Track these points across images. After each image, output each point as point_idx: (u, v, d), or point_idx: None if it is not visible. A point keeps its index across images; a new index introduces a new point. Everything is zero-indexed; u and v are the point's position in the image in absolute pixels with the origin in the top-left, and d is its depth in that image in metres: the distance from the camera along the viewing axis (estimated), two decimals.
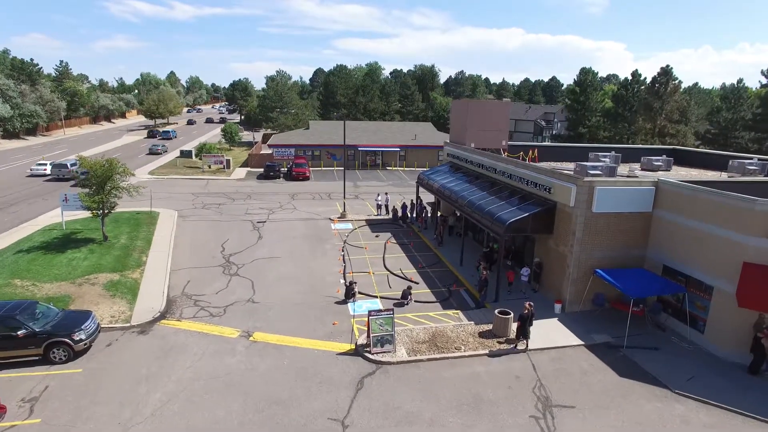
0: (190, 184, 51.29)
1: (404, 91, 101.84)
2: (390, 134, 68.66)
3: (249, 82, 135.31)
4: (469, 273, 27.00)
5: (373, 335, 18.29)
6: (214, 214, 39.41)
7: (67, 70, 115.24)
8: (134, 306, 22.12)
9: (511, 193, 26.03)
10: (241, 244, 31.65)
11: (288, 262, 28.65)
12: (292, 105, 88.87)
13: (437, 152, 65.99)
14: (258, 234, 34.17)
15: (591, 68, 73.73)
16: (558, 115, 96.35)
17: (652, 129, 58.25)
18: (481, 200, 26.58)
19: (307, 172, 55.75)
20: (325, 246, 31.84)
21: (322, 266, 28.01)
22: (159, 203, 41.45)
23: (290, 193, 48.56)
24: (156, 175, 55.82)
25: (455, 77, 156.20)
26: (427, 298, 23.92)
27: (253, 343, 19.38)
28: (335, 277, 26.44)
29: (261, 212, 40.22)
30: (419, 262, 29.12)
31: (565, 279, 22.06)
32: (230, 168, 60.75)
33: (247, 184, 53.00)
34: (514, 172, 26.15)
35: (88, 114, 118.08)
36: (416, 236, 34.67)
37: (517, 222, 22.40)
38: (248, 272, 26.88)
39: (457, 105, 37.79)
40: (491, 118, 35.52)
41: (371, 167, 65.95)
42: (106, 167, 27.80)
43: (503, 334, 19.75)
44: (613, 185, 21.00)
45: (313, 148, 64.20)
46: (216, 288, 24.74)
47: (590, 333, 20.16)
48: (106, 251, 28.20)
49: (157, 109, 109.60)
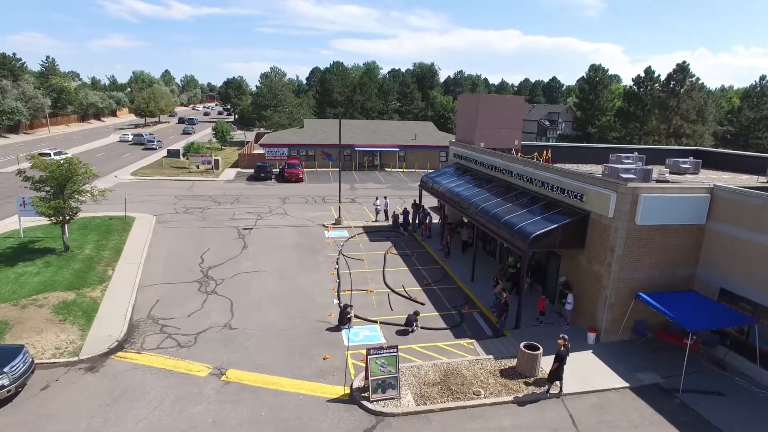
0: (174, 186, 47.66)
1: (403, 89, 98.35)
2: (389, 133, 65.16)
3: (243, 80, 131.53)
4: (483, 291, 23.49)
5: (372, 378, 14.76)
6: (196, 219, 35.81)
7: (54, 66, 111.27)
8: (87, 334, 18.52)
9: (531, 200, 22.56)
10: (222, 255, 28.08)
11: (274, 277, 25.09)
12: (287, 103, 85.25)
13: (439, 153, 62.60)
14: (243, 243, 30.59)
15: (600, 65, 70.41)
16: (563, 114, 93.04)
17: (667, 129, 54.92)
18: (496, 208, 23.08)
19: (300, 173, 52.19)
20: (318, 258, 28.28)
21: (313, 283, 24.46)
22: (137, 207, 37.88)
23: (281, 196, 44.98)
24: (139, 175, 52.17)
25: (454, 77, 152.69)
26: (435, 323, 20.40)
27: (226, 384, 15.83)
28: (328, 296, 22.89)
29: (248, 218, 36.63)
30: (424, 277, 25.60)
31: (600, 303, 18.58)
32: (219, 168, 57.14)
33: (236, 186, 49.40)
34: (535, 176, 22.67)
35: (76, 112, 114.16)
36: (419, 246, 31.14)
37: (543, 235, 18.90)
38: (228, 290, 23.32)
39: (465, 100, 34.29)
40: (503, 114, 32.07)
41: (369, 168, 62.43)
42: (66, 168, 24.18)
43: (531, 374, 16.25)
44: (661, 193, 17.53)
45: (307, 148, 60.64)
46: (189, 309, 21.16)
47: (634, 371, 16.68)
48: (64, 264, 24.58)
49: (148, 107, 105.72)
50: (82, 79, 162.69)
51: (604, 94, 70.51)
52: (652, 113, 57.39)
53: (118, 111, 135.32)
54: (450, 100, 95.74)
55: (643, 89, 62.87)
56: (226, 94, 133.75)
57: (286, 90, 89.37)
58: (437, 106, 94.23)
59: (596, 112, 69.01)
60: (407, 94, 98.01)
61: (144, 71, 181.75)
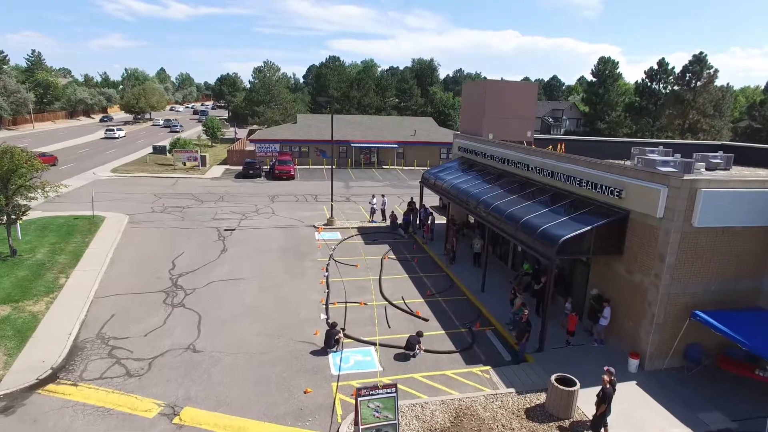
0: (155, 184, 44.16)
1: (402, 85, 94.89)
2: (387, 129, 61.72)
3: (238, 76, 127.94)
4: (495, 303, 20.10)
5: (364, 427, 11.34)
6: (174, 219, 32.34)
7: (40, 60, 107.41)
8: (14, 359, 15.06)
9: (553, 198, 19.17)
10: (197, 260, 24.64)
11: (253, 286, 21.65)
12: (281, 99, 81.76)
13: (440, 149, 59.24)
14: (222, 246, 27.14)
15: (610, 57, 66.89)
16: (567, 111, 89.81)
17: (681, 125, 51.60)
18: (511, 207, 19.67)
19: (291, 170, 48.72)
20: (305, 263, 24.84)
21: (298, 293, 21.02)
22: (111, 206, 34.39)
23: (270, 194, 41.52)
24: (119, 172, 48.64)
25: (453, 76, 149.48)
26: (441, 344, 16.98)
27: (178, 430, 12.40)
28: (315, 309, 19.45)
29: (231, 218, 33.17)
30: (427, 287, 22.17)
31: (644, 322, 15.20)
32: (206, 165, 53.67)
33: (222, 183, 45.91)
34: (558, 169, 19.28)
35: (64, 108, 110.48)
36: (421, 249, 27.72)
37: (575, 239, 15.49)
38: (198, 302, 19.88)
39: (472, 87, 30.89)
40: (515, 103, 28.71)
41: (365, 166, 58.99)
42: (8, 160, 20.69)
43: (565, 415, 12.85)
44: (726, 187, 14.15)
45: (300, 144, 57.17)
46: (148, 326, 17.72)
47: (695, 410, 13.29)
48: (7, 271, 21.11)
49: (137, 103, 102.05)
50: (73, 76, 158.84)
51: (615, 87, 66.97)
52: (666, 108, 54.08)
53: (109, 108, 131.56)
54: (450, 96, 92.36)
55: (656, 82, 59.54)
56: (220, 91, 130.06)
57: (280, 85, 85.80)
58: (437, 103, 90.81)
59: (605, 108, 65.54)
60: (406, 90, 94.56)
61: (138, 69, 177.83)
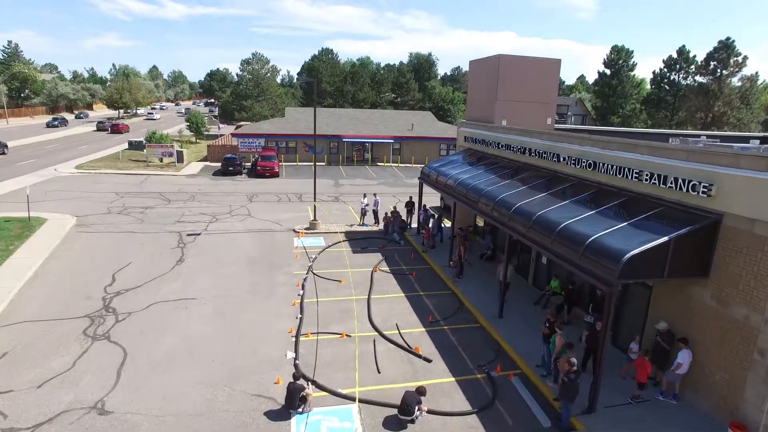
0: (121, 181, 39.25)
1: (399, 79, 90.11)
2: (381, 123, 56.97)
3: (228, 72, 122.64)
4: (518, 333, 15.40)
5: None
6: (131, 222, 27.50)
7: (17, 52, 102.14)
8: None
9: (596, 197, 14.49)
10: (145, 273, 19.85)
11: (206, 310, 16.85)
12: (270, 92, 76.88)
13: (439, 145, 54.59)
14: (180, 254, 22.34)
15: (624, 45, 61.95)
16: (572, 107, 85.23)
17: (704, 117, 47.00)
18: (540, 208, 14.96)
19: (275, 166, 43.84)
20: (277, 277, 20.06)
21: (262, 320, 16.24)
22: (61, 206, 29.60)
23: (249, 193, 36.69)
24: (84, 169, 43.67)
25: (451, 74, 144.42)
26: (450, 398, 12.24)
27: None
28: (280, 344, 14.67)
29: (199, 220, 28.35)
30: (429, 310, 17.42)
31: (753, 378, 10.48)
32: (183, 162, 48.76)
33: (197, 181, 41.03)
34: (605, 159, 14.58)
35: (45, 103, 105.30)
36: (420, 259, 23.01)
37: (645, 256, 10.71)
38: (128, 332, 15.08)
39: (480, 65, 26.12)
40: (533, 83, 24.06)
41: (358, 162, 54.20)
42: None
43: None
44: None
45: (287, 139, 52.34)
46: (47, 371, 12.92)
47: None
48: None
49: (120, 98, 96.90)
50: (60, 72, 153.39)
51: (630, 78, 62.06)
52: (687, 99, 49.42)
53: (94, 104, 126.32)
54: (450, 91, 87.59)
55: (676, 73, 54.68)
56: (210, 87, 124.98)
57: (270, 79, 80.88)
58: (435, 98, 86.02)
59: (619, 100, 60.74)
60: (403, 85, 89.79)
61: (129, 65, 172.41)
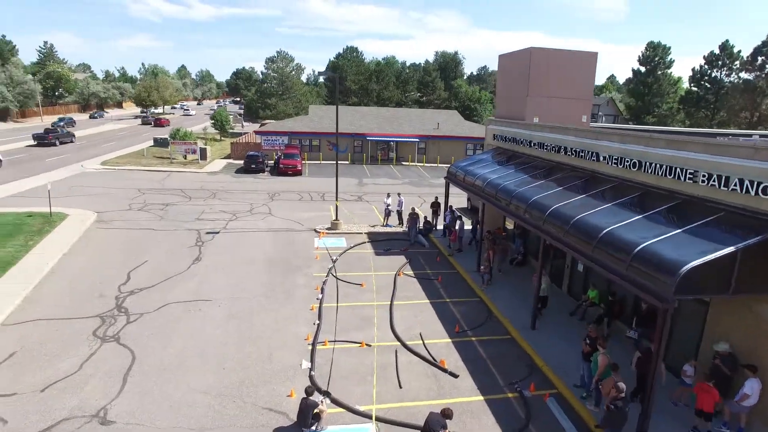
0: (144, 177, 39.18)
1: (425, 78, 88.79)
2: (407, 122, 55.89)
3: (254, 71, 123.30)
4: (554, 347, 14.17)
5: None
6: (151, 219, 27.11)
7: (52, 52, 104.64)
8: None
9: (642, 200, 13.16)
10: (160, 272, 19.26)
11: (221, 312, 16.10)
12: (294, 90, 76.57)
13: (465, 144, 53.20)
14: (197, 253, 21.73)
15: (660, 42, 59.17)
16: (603, 107, 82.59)
17: (749, 117, 44.39)
18: (579, 212, 13.70)
19: (298, 164, 43.22)
20: (296, 279, 19.22)
21: (277, 324, 15.38)
22: (84, 202, 29.53)
23: (271, 191, 36.08)
24: (109, 165, 43.89)
25: (478, 74, 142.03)
26: (479, 421, 11.12)
27: None
28: (296, 352, 13.78)
29: (218, 218, 27.80)
30: (455, 319, 16.30)
31: None
32: (207, 159, 48.63)
33: (220, 178, 40.69)
34: (651, 158, 13.25)
35: (77, 102, 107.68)
36: (446, 263, 21.88)
37: (707, 268, 9.40)
38: (139, 334, 14.42)
39: (511, 59, 24.81)
40: (567, 78, 22.67)
41: (383, 161, 53.24)
42: None
43: None
44: None
45: (311, 137, 51.72)
46: (53, 374, 12.31)
47: None
48: None
49: (149, 96, 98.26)
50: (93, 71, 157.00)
51: (666, 76, 59.23)
52: (730, 97, 46.74)
53: (123, 102, 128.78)
54: (476, 90, 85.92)
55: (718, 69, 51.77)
56: (236, 86, 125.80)
57: (294, 77, 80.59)
58: (462, 97, 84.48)
59: (654, 99, 58.04)
60: (428, 84, 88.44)
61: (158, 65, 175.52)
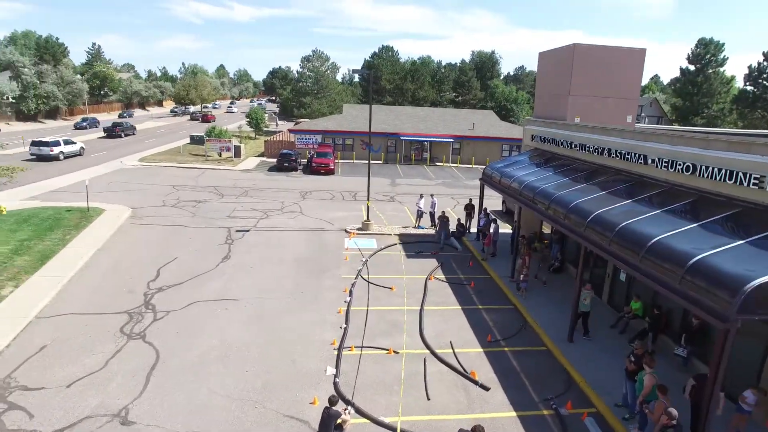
0: (179, 174, 39.77)
1: (460, 77, 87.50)
2: (441, 122, 55.02)
3: (290, 70, 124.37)
4: (593, 361, 13.24)
5: None
6: (183, 215, 27.34)
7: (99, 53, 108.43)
8: None
9: (696, 206, 12.12)
10: (189, 269, 19.23)
11: (246, 313, 15.84)
12: (329, 89, 76.71)
13: (501, 146, 51.96)
14: (226, 251, 21.66)
15: (713, 38, 56.00)
16: (647, 108, 79.44)
17: None
18: (625, 218, 12.75)
19: (331, 163, 43.04)
20: (324, 281, 18.83)
21: (303, 327, 14.99)
22: (119, 197, 30.09)
23: (303, 190, 35.97)
24: (147, 161, 44.82)
25: (515, 74, 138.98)
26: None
27: None
28: (321, 356, 13.34)
29: (249, 216, 27.78)
30: (488, 328, 15.54)
31: None
32: (241, 156, 49.10)
33: (252, 176, 40.90)
34: (707, 161, 12.18)
35: (120, 100, 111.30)
36: (479, 268, 21.09)
37: None
38: (164, 332, 14.30)
39: (553, 56, 23.76)
40: (612, 76, 21.50)
41: (416, 162, 52.55)
42: None
43: None
44: None
45: (344, 136, 51.52)
46: (79, 370, 12.27)
47: None
48: None
49: (188, 94, 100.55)
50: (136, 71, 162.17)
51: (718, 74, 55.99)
52: None
53: (164, 101, 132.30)
54: (513, 90, 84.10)
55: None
56: (272, 85, 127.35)
57: (329, 76, 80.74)
58: (498, 97, 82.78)
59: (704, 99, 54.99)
60: (464, 83, 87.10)
61: (197, 64, 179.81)
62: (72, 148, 43.98)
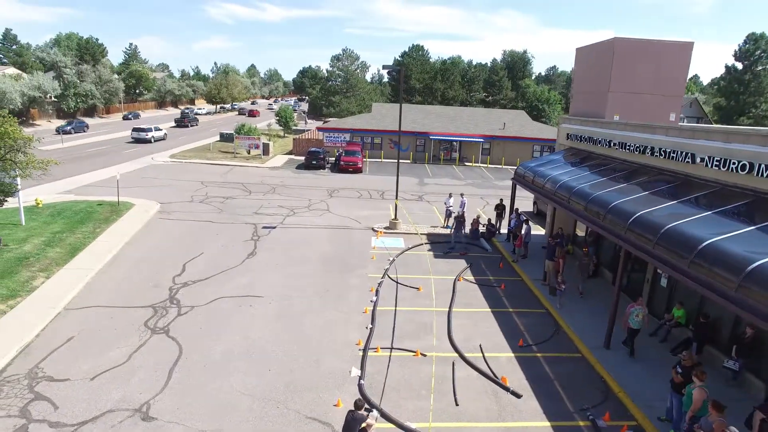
0: (207, 171, 40.13)
1: (491, 77, 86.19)
2: (471, 122, 54.13)
3: (320, 69, 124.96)
4: (632, 371, 12.44)
5: None
6: (211, 211, 27.44)
7: (136, 53, 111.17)
8: None
9: (750, 209, 11.24)
10: (215, 265, 19.15)
11: (270, 310, 15.58)
12: (359, 88, 76.60)
13: (532, 146, 50.77)
14: (252, 248, 21.54)
15: (763, 33, 53.02)
16: (686, 109, 76.51)
17: None
18: (672, 220, 11.94)
19: (359, 162, 42.74)
20: (350, 279, 18.45)
21: (328, 327, 14.63)
22: (149, 193, 30.45)
23: (330, 188, 35.77)
24: (177, 158, 45.47)
25: (546, 74, 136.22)
26: None
27: None
28: (345, 356, 12.94)
29: (276, 213, 27.69)
30: (519, 332, 14.87)
31: None
32: (269, 154, 49.32)
33: (280, 174, 40.97)
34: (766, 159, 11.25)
35: (154, 99, 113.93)
36: (509, 270, 20.37)
37: None
38: (188, 328, 14.16)
39: (591, 51, 22.81)
40: (655, 72, 20.48)
41: (445, 161, 51.81)
42: None
43: None
44: None
45: (372, 135, 51.18)
46: (104, 362, 12.20)
47: None
48: None
49: (219, 93, 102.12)
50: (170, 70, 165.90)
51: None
52: None
53: (196, 100, 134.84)
54: (545, 90, 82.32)
55: None
56: (302, 84, 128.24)
57: (359, 75, 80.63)
58: (530, 97, 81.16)
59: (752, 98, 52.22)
60: (495, 83, 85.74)
61: (229, 64, 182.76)
62: (159, 134, 56.04)
